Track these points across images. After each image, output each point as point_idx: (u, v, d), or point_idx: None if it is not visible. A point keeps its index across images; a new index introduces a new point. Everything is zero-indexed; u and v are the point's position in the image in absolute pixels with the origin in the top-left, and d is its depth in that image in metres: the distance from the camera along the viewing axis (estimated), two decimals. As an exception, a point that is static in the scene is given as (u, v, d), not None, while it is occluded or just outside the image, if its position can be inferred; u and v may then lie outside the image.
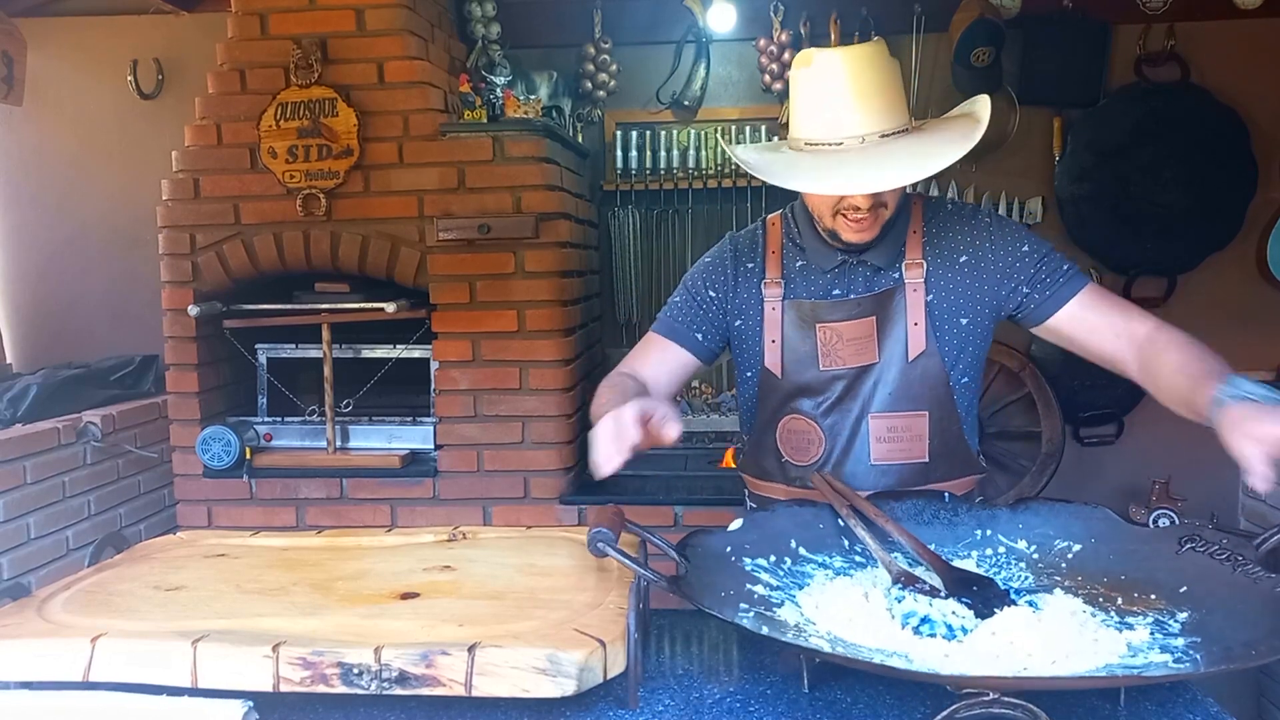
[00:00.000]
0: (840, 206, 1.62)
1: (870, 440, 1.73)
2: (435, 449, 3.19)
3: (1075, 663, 1.19)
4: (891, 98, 1.57)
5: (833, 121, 1.56)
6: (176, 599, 1.45)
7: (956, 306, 1.72)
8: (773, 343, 1.75)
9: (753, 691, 1.31)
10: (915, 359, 1.70)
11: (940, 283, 1.72)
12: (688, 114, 3.69)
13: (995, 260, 1.71)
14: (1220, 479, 3.70)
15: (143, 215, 3.43)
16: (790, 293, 1.75)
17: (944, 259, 1.73)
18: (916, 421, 1.73)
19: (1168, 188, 3.61)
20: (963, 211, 1.78)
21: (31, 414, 3.12)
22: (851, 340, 1.71)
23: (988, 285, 1.72)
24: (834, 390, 1.73)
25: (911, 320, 1.70)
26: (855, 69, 1.54)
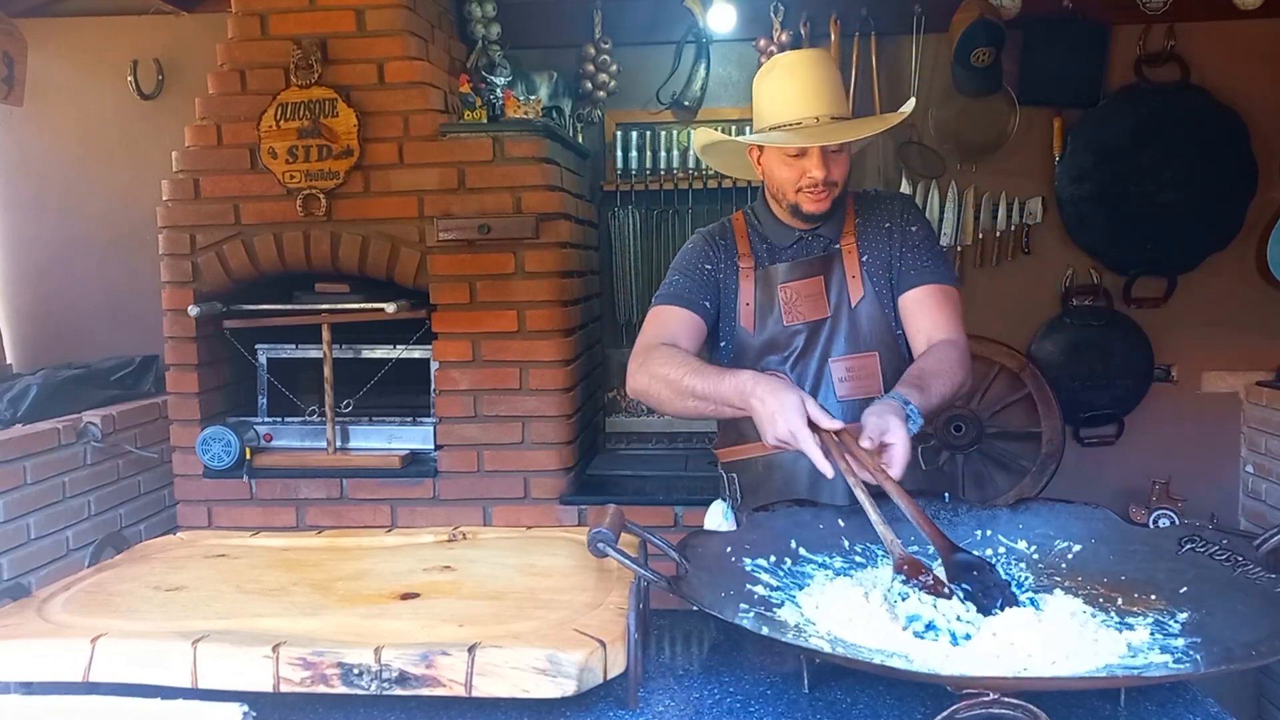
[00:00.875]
0: (801, 182, 1.92)
1: (834, 381, 2.00)
2: (435, 449, 3.19)
3: (1075, 663, 1.19)
4: (837, 91, 1.95)
5: (799, 105, 1.91)
6: (176, 599, 1.45)
7: (883, 262, 2.02)
8: (746, 305, 2.03)
9: (753, 691, 1.31)
10: (857, 304, 2.00)
11: (870, 244, 2.03)
12: (688, 114, 3.69)
13: (900, 231, 2.03)
14: (1220, 479, 3.72)
15: (143, 215, 3.43)
16: (759, 265, 2.04)
17: (872, 226, 2.04)
18: (869, 361, 2.00)
19: (1168, 188, 3.61)
20: (892, 197, 2.13)
21: (31, 414, 3.12)
22: (807, 297, 2.00)
23: (894, 249, 2.02)
24: (796, 343, 2.00)
25: (850, 274, 2.01)
26: (809, 67, 1.94)
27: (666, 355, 1.87)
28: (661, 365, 1.85)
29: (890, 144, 3.69)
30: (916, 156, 3.68)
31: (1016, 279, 3.73)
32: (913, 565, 1.38)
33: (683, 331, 1.98)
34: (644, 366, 1.89)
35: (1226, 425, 3.73)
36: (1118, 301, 3.72)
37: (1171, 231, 3.63)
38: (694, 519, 3.04)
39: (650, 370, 1.87)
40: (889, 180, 3.74)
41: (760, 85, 1.99)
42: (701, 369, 1.81)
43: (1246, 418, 3.68)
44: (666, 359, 1.86)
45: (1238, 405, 3.72)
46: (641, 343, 1.97)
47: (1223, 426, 3.72)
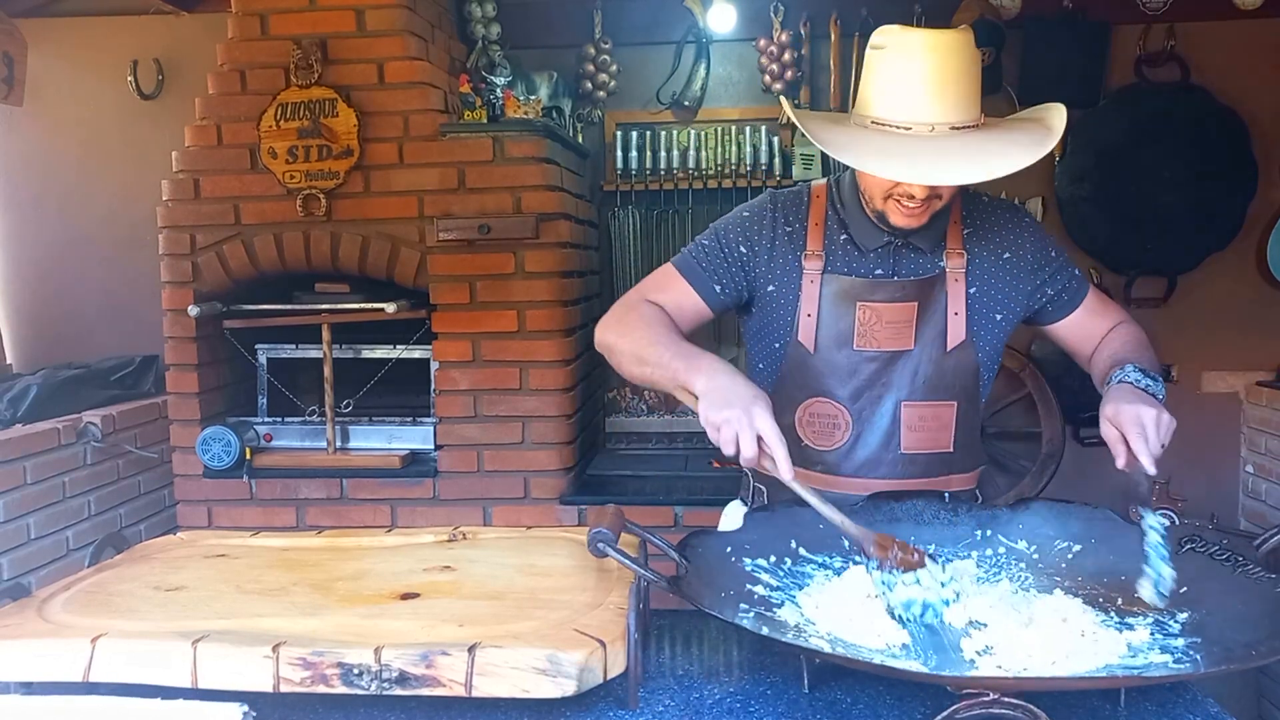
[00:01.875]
0: (894, 192, 1.59)
1: (902, 428, 1.71)
2: (435, 449, 3.19)
3: (1075, 663, 1.19)
4: (967, 90, 1.53)
5: (906, 105, 1.51)
6: (176, 599, 1.45)
7: (995, 301, 1.73)
8: (808, 316, 1.70)
9: (753, 691, 1.31)
10: (952, 349, 1.70)
11: (982, 276, 1.72)
12: (688, 114, 3.69)
13: (1033, 260, 1.75)
14: (1220, 479, 3.71)
15: (143, 215, 3.43)
16: (831, 267, 1.70)
17: (986, 253, 1.73)
18: (945, 411, 1.73)
19: (1168, 188, 3.61)
20: (1001, 207, 1.80)
21: (31, 414, 3.12)
22: (890, 323, 1.69)
23: (1023, 284, 1.74)
24: (864, 373, 1.70)
25: (952, 310, 1.70)
26: (938, 55, 1.51)
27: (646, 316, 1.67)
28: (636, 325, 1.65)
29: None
30: (916, 156, 3.68)
31: (1016, 279, 3.73)
32: (880, 544, 1.37)
33: (676, 305, 1.73)
34: (621, 320, 1.69)
35: (1226, 425, 3.73)
36: (1118, 301, 3.71)
37: (1171, 231, 3.63)
38: (694, 519, 3.04)
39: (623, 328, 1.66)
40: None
41: (873, 60, 1.57)
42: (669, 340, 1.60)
43: (1246, 418, 3.68)
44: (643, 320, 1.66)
45: (1238, 405, 3.72)
46: (629, 295, 1.75)
47: (1223, 426, 3.72)
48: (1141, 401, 1.48)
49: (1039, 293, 1.76)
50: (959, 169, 1.48)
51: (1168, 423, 1.46)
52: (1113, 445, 1.46)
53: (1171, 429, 1.46)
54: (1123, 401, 1.48)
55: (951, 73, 1.51)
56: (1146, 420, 1.44)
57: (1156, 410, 1.46)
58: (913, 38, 1.54)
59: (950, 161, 1.48)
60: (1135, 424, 1.44)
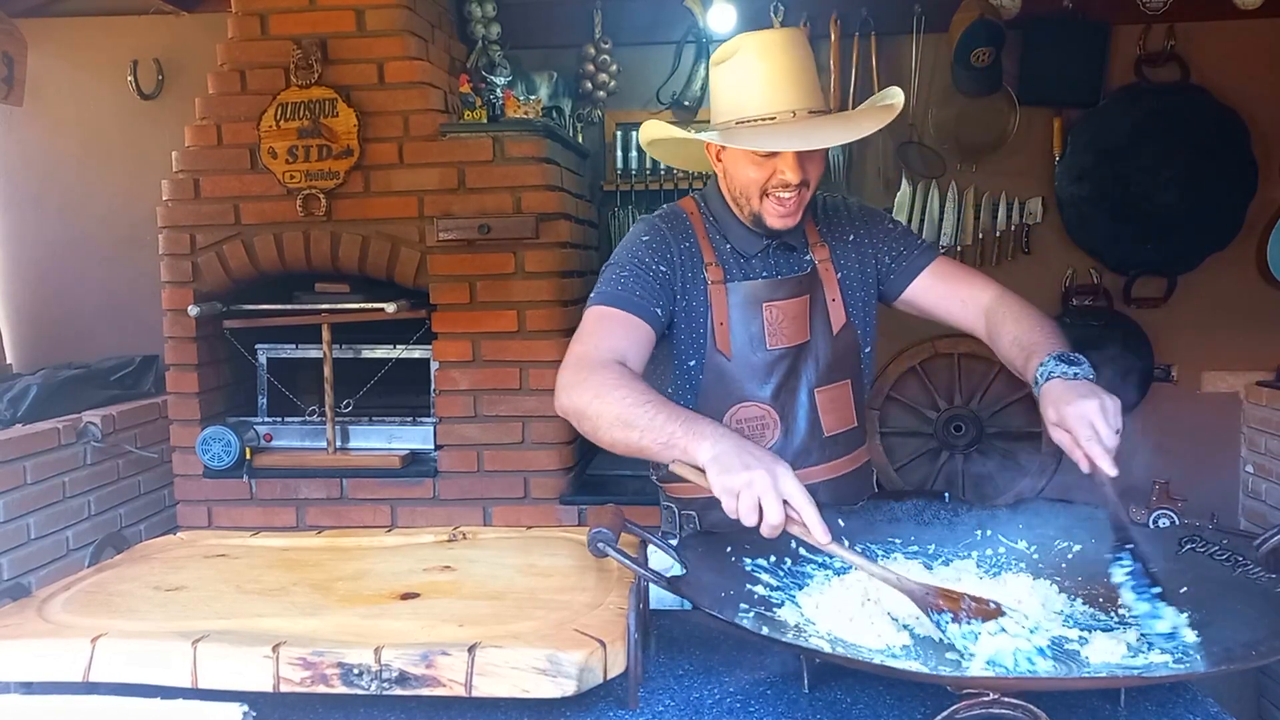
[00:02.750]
0: (769, 185, 1.67)
1: (820, 413, 1.80)
2: (435, 449, 3.19)
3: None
4: (813, 80, 1.68)
5: (768, 97, 1.63)
6: (176, 599, 1.45)
7: (858, 280, 1.85)
8: (720, 325, 1.75)
9: (753, 691, 1.30)
10: (839, 332, 1.81)
11: (842, 261, 1.84)
12: (688, 114, 3.69)
13: (870, 238, 1.86)
14: (1220, 479, 3.71)
15: (143, 215, 3.43)
16: (730, 275, 1.77)
17: (838, 240, 1.85)
18: (844, 390, 1.84)
19: (1168, 188, 3.61)
20: (839, 203, 1.92)
21: (31, 414, 3.12)
22: (793, 319, 1.78)
23: (870, 259, 1.85)
24: (779, 370, 1.77)
25: (830, 297, 1.82)
26: (780, 50, 1.65)
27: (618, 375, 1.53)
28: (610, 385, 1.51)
29: (890, 144, 3.69)
30: (916, 156, 3.68)
31: (1016, 279, 3.70)
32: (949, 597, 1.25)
33: (630, 343, 1.64)
34: (586, 382, 1.54)
35: (1226, 425, 3.73)
36: (1118, 301, 3.72)
37: (1171, 231, 3.63)
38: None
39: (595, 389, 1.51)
40: (889, 180, 3.73)
41: (722, 70, 1.67)
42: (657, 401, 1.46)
43: (1246, 418, 3.68)
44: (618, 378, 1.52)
45: (1238, 405, 3.72)
46: (580, 351, 1.62)
47: (1223, 426, 3.72)
48: (1079, 396, 1.44)
49: (882, 262, 1.84)
50: (828, 134, 1.64)
51: (1112, 408, 1.43)
52: (1070, 452, 1.44)
53: (1118, 412, 1.42)
54: (1063, 402, 1.45)
55: (799, 64, 1.66)
56: (1092, 415, 1.42)
57: (1098, 400, 1.43)
58: (755, 38, 1.66)
59: (818, 132, 1.64)
60: (1083, 424, 1.42)
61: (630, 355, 1.63)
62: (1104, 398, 1.44)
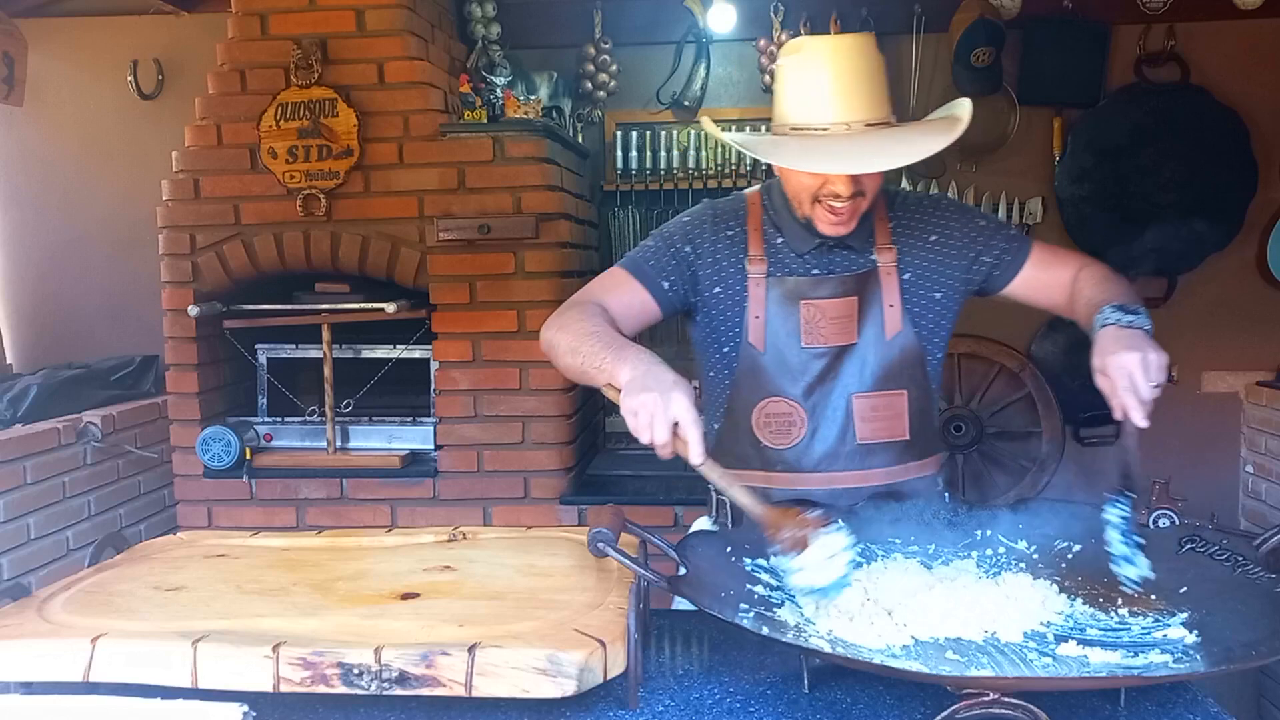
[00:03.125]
0: (821, 193, 1.64)
1: (855, 420, 1.75)
2: (435, 449, 3.19)
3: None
4: (876, 89, 1.60)
5: (820, 106, 1.58)
6: (176, 599, 1.45)
7: (931, 283, 1.78)
8: (756, 318, 1.75)
9: (753, 691, 1.31)
10: (893, 339, 1.75)
11: (914, 262, 1.78)
12: (688, 114, 3.69)
13: (961, 236, 1.79)
14: (1220, 479, 3.71)
15: (143, 215, 3.42)
16: (773, 269, 1.76)
17: (914, 239, 1.79)
18: (896, 400, 1.77)
19: (1168, 188, 3.61)
20: (921, 198, 1.87)
21: (31, 414, 3.12)
22: (834, 319, 1.74)
23: (957, 260, 1.79)
24: (814, 369, 1.75)
25: (888, 302, 1.75)
26: (844, 57, 1.58)
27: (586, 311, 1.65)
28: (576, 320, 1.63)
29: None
30: (916, 156, 3.68)
31: (1016, 279, 3.73)
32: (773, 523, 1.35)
33: (620, 303, 1.72)
34: (558, 319, 1.67)
35: (1226, 425, 3.73)
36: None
37: (1171, 231, 3.62)
38: (694, 519, 3.04)
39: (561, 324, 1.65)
40: (888, 180, 3.71)
41: (784, 68, 1.64)
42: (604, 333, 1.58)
43: (1246, 418, 3.68)
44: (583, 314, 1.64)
45: (1238, 405, 3.72)
46: (576, 296, 1.76)
47: (1223, 426, 3.72)
48: (1126, 346, 1.45)
49: (977, 263, 1.79)
50: (877, 158, 1.56)
51: (1155, 362, 1.43)
52: (1108, 399, 1.45)
53: (1161, 368, 1.43)
54: (1108, 351, 1.46)
55: (860, 73, 1.58)
56: (1133, 366, 1.42)
57: (1141, 352, 1.43)
58: (819, 44, 1.64)
59: (869, 152, 1.56)
60: (1122, 374, 1.42)
61: (617, 311, 1.70)
62: (1149, 351, 1.44)
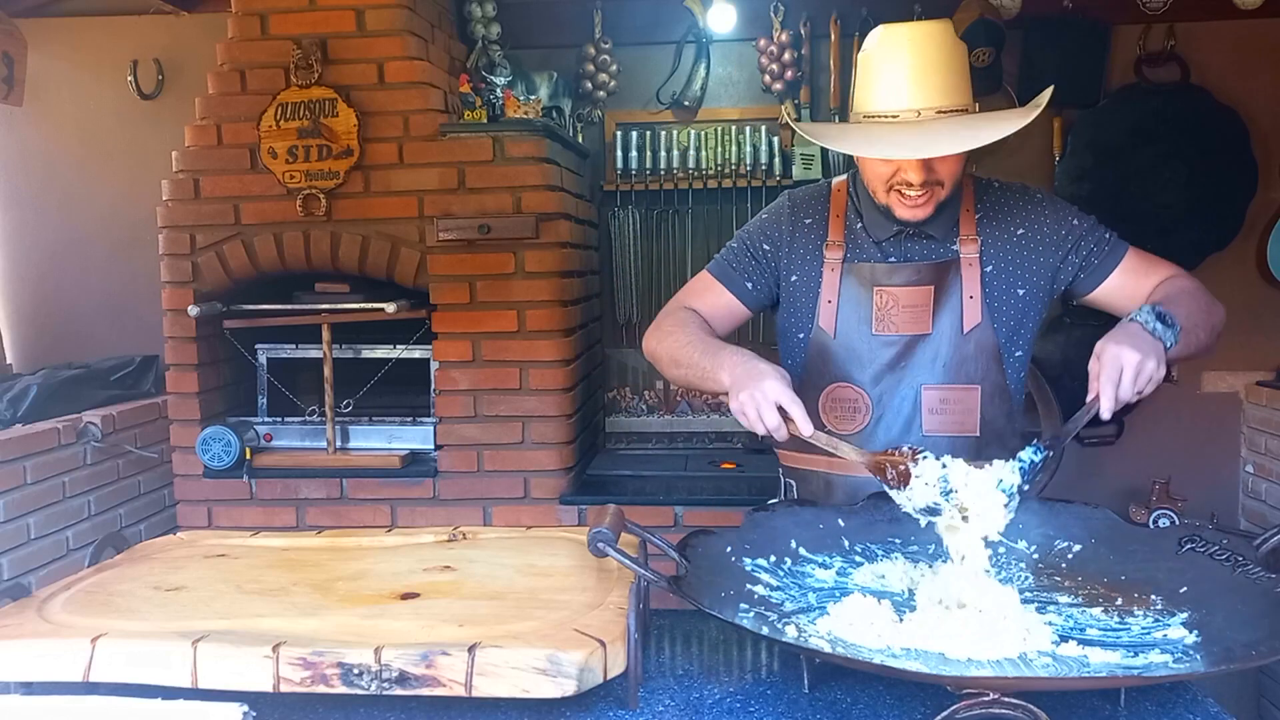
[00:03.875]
0: (894, 182, 1.65)
1: (923, 411, 1.74)
2: (435, 449, 3.19)
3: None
4: (951, 76, 1.60)
5: (890, 93, 1.59)
6: (176, 599, 1.45)
7: (1014, 277, 1.75)
8: (829, 303, 1.76)
9: (753, 691, 1.31)
10: (969, 332, 1.73)
11: (997, 255, 1.75)
12: (688, 114, 3.69)
13: (1050, 233, 1.76)
14: (1220, 479, 3.71)
15: (143, 215, 3.42)
16: (850, 255, 1.77)
17: (1000, 232, 1.76)
18: (969, 395, 1.74)
19: (1168, 188, 3.61)
20: (1013, 189, 1.84)
21: (31, 414, 3.12)
22: (907, 307, 1.73)
23: (1044, 257, 1.75)
24: (883, 357, 1.74)
25: (967, 294, 1.73)
26: (918, 44, 1.58)
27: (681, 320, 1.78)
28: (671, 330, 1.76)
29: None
30: (916, 156, 3.68)
31: (1016, 279, 3.73)
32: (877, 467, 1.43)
33: (710, 307, 1.84)
34: (659, 326, 1.81)
35: (1226, 425, 3.73)
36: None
37: (1171, 231, 3.62)
38: (694, 519, 3.04)
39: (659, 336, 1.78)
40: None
41: (863, 59, 1.66)
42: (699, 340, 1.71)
43: (1246, 418, 3.68)
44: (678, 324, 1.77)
45: (1238, 405, 3.72)
46: (669, 305, 1.87)
47: (1223, 426, 3.72)
48: (1131, 344, 1.44)
49: (1066, 262, 1.75)
50: (939, 143, 1.56)
51: (1150, 372, 1.43)
52: (1090, 380, 1.45)
53: (1154, 379, 1.43)
54: (1112, 340, 1.46)
55: (932, 59, 1.58)
56: (1126, 364, 1.42)
57: (1140, 356, 1.42)
58: (895, 31, 1.61)
59: (932, 138, 1.56)
60: (1113, 365, 1.42)
61: (707, 314, 1.81)
62: (1150, 359, 1.43)
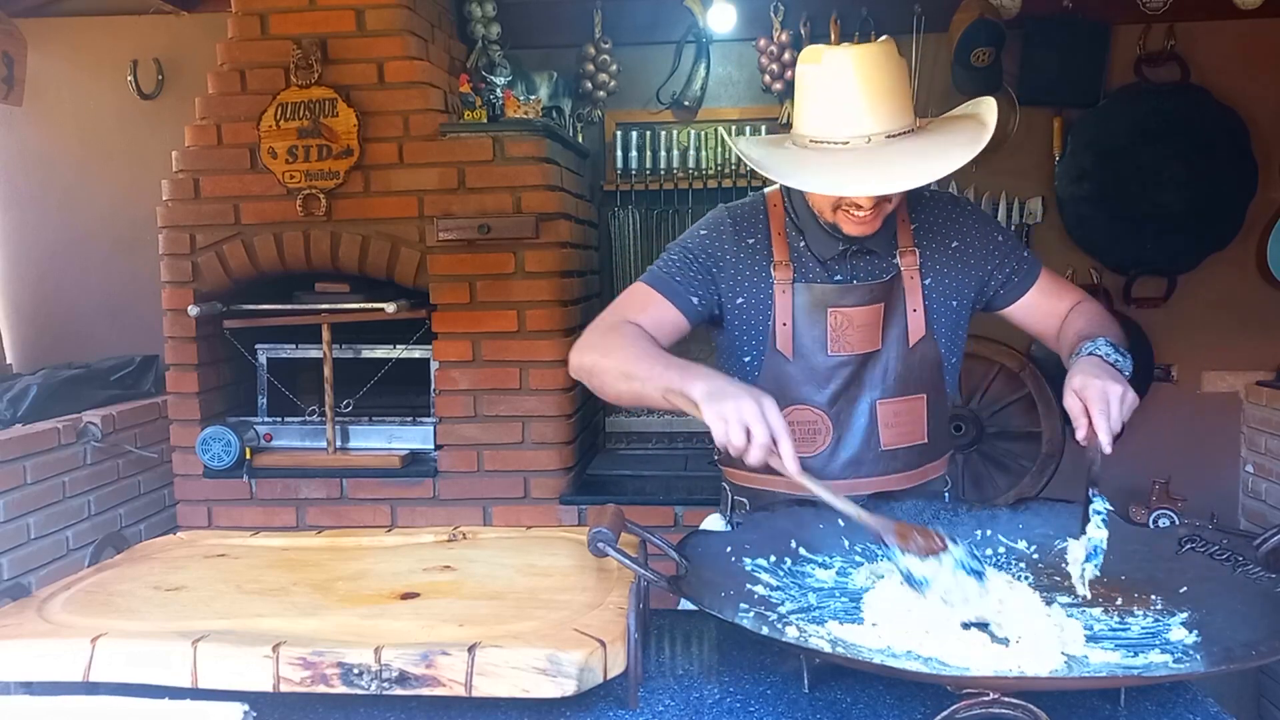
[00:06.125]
0: (842, 204, 1.64)
1: (880, 426, 1.76)
2: (435, 449, 3.19)
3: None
4: (898, 98, 1.57)
5: (840, 120, 1.55)
6: (176, 599, 1.45)
7: (950, 290, 1.78)
8: (784, 325, 1.74)
9: (753, 691, 1.30)
10: (915, 344, 1.75)
11: (935, 268, 1.77)
12: (688, 114, 3.69)
13: (980, 246, 1.79)
14: (1220, 479, 3.71)
15: (143, 215, 3.43)
16: (799, 276, 1.74)
17: (936, 244, 1.78)
18: (917, 405, 1.78)
19: (1168, 188, 3.61)
20: (944, 199, 1.85)
21: (31, 414, 3.12)
22: (861, 326, 1.73)
23: (975, 270, 1.79)
24: (840, 376, 1.74)
25: (910, 307, 1.75)
26: (864, 68, 1.54)
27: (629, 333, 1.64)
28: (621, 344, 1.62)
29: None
30: (916, 156, 3.68)
31: (1016, 279, 3.73)
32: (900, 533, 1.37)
33: (652, 320, 1.71)
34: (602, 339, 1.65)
35: (1226, 425, 3.73)
36: (1118, 301, 3.72)
37: (1171, 231, 3.63)
38: (694, 519, 3.04)
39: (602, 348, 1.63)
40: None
41: (803, 81, 1.61)
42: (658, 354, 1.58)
43: (1246, 418, 3.68)
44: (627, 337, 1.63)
45: (1238, 405, 3.72)
46: (601, 318, 1.72)
47: (1223, 426, 3.72)
48: (1109, 376, 1.49)
49: (990, 277, 1.79)
50: (898, 178, 1.52)
51: (1131, 401, 1.48)
52: (1075, 418, 1.48)
53: (1133, 407, 1.48)
54: (1090, 375, 1.49)
55: (880, 84, 1.55)
56: (1111, 396, 1.46)
57: (1123, 387, 1.47)
58: (839, 54, 1.56)
59: (890, 170, 1.52)
60: (1100, 399, 1.46)
61: (650, 329, 1.68)
62: (1129, 390, 1.49)
